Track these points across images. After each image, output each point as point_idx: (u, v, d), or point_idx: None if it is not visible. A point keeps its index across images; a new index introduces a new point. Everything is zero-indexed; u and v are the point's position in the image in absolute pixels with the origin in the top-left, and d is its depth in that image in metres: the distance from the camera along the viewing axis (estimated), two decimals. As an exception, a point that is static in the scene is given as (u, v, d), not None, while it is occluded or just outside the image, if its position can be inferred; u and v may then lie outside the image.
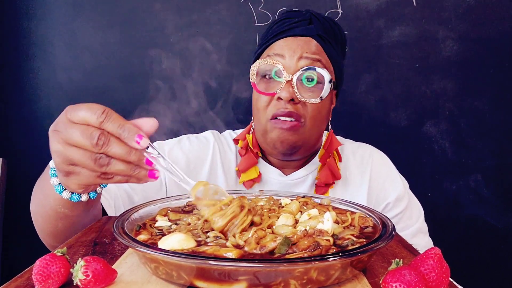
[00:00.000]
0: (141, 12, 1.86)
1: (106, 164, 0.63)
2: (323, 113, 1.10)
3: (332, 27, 1.14)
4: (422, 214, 1.21)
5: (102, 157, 0.63)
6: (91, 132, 0.61)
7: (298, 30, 1.10)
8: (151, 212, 0.76)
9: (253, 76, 1.10)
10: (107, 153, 0.62)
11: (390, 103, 1.83)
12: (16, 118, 1.88)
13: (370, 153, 1.24)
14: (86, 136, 0.61)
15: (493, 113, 1.80)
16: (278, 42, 1.11)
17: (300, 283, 0.51)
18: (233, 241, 0.59)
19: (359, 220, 0.70)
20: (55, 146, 0.64)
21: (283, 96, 1.03)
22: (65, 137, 0.62)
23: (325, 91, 1.05)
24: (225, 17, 1.85)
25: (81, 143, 0.62)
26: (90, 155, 0.62)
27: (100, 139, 0.61)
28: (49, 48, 1.88)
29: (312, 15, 1.13)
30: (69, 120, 0.63)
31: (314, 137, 1.12)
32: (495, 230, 1.82)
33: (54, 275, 0.52)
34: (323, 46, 1.10)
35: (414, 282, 0.47)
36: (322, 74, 1.05)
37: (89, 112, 0.61)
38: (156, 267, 0.55)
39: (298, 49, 1.07)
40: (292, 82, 1.04)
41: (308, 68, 1.05)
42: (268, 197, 0.84)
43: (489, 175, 1.81)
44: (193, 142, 1.22)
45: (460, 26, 1.78)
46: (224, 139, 1.25)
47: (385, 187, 1.17)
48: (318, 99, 1.05)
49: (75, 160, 0.63)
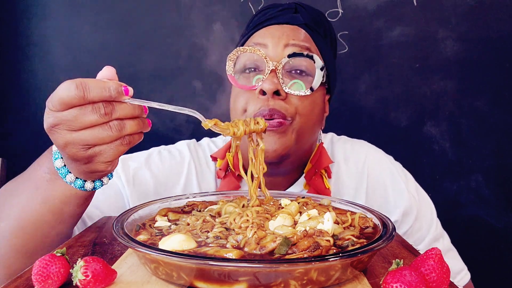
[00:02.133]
0: (141, 12, 1.86)
1: (123, 127, 0.62)
2: (315, 111, 0.95)
3: (322, 20, 1.00)
4: (433, 215, 1.07)
5: (115, 123, 0.62)
6: (93, 106, 0.60)
7: (282, 18, 0.96)
8: (151, 212, 0.76)
9: (230, 68, 0.94)
10: (118, 117, 0.62)
11: (390, 103, 1.83)
12: (16, 118, 1.88)
13: (365, 157, 1.07)
14: (90, 112, 0.60)
15: (493, 113, 1.79)
16: (260, 31, 0.96)
17: (300, 283, 0.51)
18: (232, 242, 0.59)
19: (359, 221, 0.70)
20: (65, 138, 0.62)
21: (266, 88, 0.88)
22: (70, 125, 0.61)
23: (316, 80, 0.91)
24: (225, 17, 1.84)
25: (89, 120, 0.60)
26: (104, 127, 0.61)
27: (107, 107, 0.61)
28: (48, 48, 1.88)
29: (298, 5, 0.99)
30: (55, 110, 0.61)
31: (306, 142, 0.96)
32: (495, 230, 1.82)
33: (53, 275, 0.52)
34: (311, 36, 0.95)
35: (415, 282, 0.47)
36: (312, 62, 0.90)
37: (64, 92, 0.59)
38: (156, 267, 0.55)
39: (283, 37, 0.92)
40: (277, 71, 0.89)
41: (295, 54, 0.90)
42: (268, 197, 0.83)
43: (489, 175, 1.81)
44: (165, 158, 1.06)
45: (460, 26, 1.78)
46: (202, 153, 1.09)
47: (388, 201, 1.03)
48: (308, 91, 0.90)
49: (94, 139, 0.61)
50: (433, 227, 1.07)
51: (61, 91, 0.60)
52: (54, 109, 0.61)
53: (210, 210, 0.75)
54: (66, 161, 0.68)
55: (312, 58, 0.91)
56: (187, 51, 1.85)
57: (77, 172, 0.69)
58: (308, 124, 0.94)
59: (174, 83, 1.83)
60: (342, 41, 1.80)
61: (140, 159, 1.05)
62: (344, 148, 1.10)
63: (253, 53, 0.91)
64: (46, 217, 0.73)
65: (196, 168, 1.04)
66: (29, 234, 0.73)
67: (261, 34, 0.95)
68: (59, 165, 0.69)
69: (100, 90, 0.60)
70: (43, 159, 0.74)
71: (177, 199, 0.83)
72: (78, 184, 0.70)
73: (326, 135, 1.16)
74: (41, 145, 1.09)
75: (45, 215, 0.72)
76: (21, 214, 0.73)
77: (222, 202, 0.77)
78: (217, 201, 0.81)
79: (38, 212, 0.72)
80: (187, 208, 0.80)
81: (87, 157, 0.63)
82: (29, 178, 0.75)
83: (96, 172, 0.68)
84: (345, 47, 1.80)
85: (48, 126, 0.63)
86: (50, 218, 0.73)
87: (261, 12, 1.00)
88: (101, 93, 0.60)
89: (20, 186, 0.76)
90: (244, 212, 0.67)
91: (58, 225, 0.75)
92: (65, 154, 0.65)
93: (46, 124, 0.63)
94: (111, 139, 0.62)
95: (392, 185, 1.05)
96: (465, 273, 1.09)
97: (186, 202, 0.82)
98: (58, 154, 0.70)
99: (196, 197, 0.85)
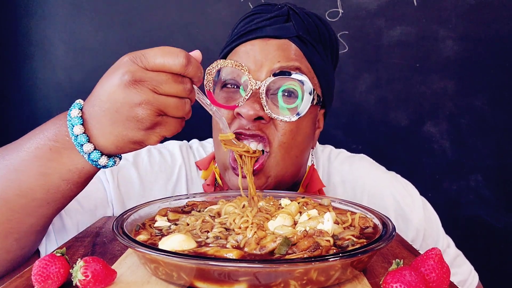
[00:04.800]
0: (141, 12, 1.86)
1: (189, 110, 0.64)
2: (298, 139, 0.84)
3: (318, 27, 0.87)
4: (439, 229, 1.01)
5: (188, 101, 0.64)
6: (183, 79, 0.62)
7: (270, 29, 0.83)
8: (151, 212, 0.76)
9: (208, 83, 0.81)
10: (192, 98, 0.64)
11: (390, 103, 1.83)
12: (16, 118, 1.88)
13: (364, 183, 0.99)
14: (179, 83, 0.61)
15: (493, 113, 1.79)
16: (244, 46, 0.85)
17: (300, 283, 0.51)
18: (232, 242, 0.59)
19: (359, 221, 0.70)
20: (146, 96, 0.59)
21: (244, 112, 0.79)
22: (155, 86, 0.60)
23: (303, 106, 0.81)
24: (225, 17, 1.84)
25: (176, 90, 0.61)
26: (182, 101, 0.62)
27: (189, 85, 0.63)
28: (49, 47, 1.88)
29: (291, 9, 0.86)
30: (146, 68, 0.60)
31: (288, 169, 0.87)
32: (495, 230, 1.82)
33: (53, 276, 0.52)
34: (304, 51, 0.84)
35: (415, 282, 0.47)
36: (301, 84, 0.81)
37: (170, 57, 0.60)
38: (156, 267, 0.55)
39: (268, 58, 0.81)
40: (259, 92, 0.80)
41: (282, 72, 0.80)
42: (268, 197, 0.83)
43: (489, 175, 1.81)
44: (154, 159, 0.98)
45: (460, 26, 1.78)
46: (193, 158, 1.01)
47: None
48: (294, 116, 0.81)
49: (171, 108, 0.61)
50: (440, 241, 1.04)
51: (168, 56, 0.60)
52: (148, 67, 0.60)
53: (210, 210, 0.75)
54: (117, 122, 0.61)
55: (301, 81, 0.81)
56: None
57: (118, 137, 0.62)
58: (292, 152, 0.85)
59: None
60: (342, 41, 1.80)
61: (127, 156, 0.96)
62: (341, 170, 1.02)
63: (234, 67, 0.81)
64: (37, 193, 0.65)
65: (186, 175, 0.98)
66: (11, 210, 0.66)
67: (243, 52, 0.84)
68: (77, 131, 0.62)
69: (197, 69, 0.62)
70: (48, 126, 0.66)
71: (177, 199, 0.83)
72: (94, 156, 0.64)
73: (324, 149, 1.09)
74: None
75: (37, 191, 0.65)
76: (9, 184, 0.65)
77: (222, 202, 0.77)
78: (217, 201, 0.81)
79: (30, 185, 0.65)
80: (187, 208, 0.80)
81: (154, 123, 0.62)
82: (25, 147, 0.66)
83: (142, 143, 0.64)
84: (345, 47, 1.80)
85: (131, 79, 0.59)
86: (42, 194, 0.66)
87: (248, 17, 0.88)
88: (196, 71, 0.62)
89: (11, 155, 0.66)
90: (244, 212, 0.67)
91: (45, 206, 0.67)
92: (131, 113, 0.60)
93: (129, 76, 0.59)
94: (183, 113, 0.63)
95: (396, 214, 0.97)
96: (474, 273, 1.07)
97: (186, 202, 0.82)
98: (77, 120, 0.63)
99: (196, 197, 0.85)
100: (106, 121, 0.62)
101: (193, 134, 1.10)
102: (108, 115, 0.61)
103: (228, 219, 0.67)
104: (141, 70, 0.60)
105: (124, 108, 0.60)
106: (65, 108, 0.67)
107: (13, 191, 0.65)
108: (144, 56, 0.60)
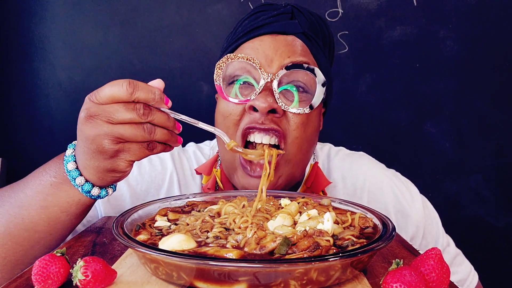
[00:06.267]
0: (141, 12, 1.86)
1: (153, 132, 0.65)
2: (308, 133, 0.84)
3: (320, 25, 0.89)
4: (439, 227, 1.01)
5: (148, 125, 0.65)
6: (134, 105, 0.63)
7: (277, 26, 0.83)
8: (151, 212, 0.76)
9: (218, 78, 0.82)
10: (152, 121, 0.65)
11: (390, 103, 1.83)
12: (16, 118, 1.88)
13: (364, 179, 0.98)
14: (131, 110, 0.63)
15: (493, 113, 1.79)
16: (251, 42, 0.84)
17: (300, 283, 0.51)
18: (232, 242, 0.59)
19: (359, 221, 0.70)
20: (101, 129, 0.64)
21: (259, 105, 0.78)
22: (108, 117, 0.63)
23: (316, 97, 0.81)
24: (225, 17, 1.84)
25: (128, 117, 0.63)
26: (139, 126, 0.64)
27: (146, 109, 0.64)
28: (49, 47, 1.88)
29: (295, 8, 0.87)
30: (99, 102, 0.63)
31: (299, 166, 0.88)
32: (495, 230, 1.82)
33: (53, 276, 0.52)
34: (310, 47, 0.85)
35: (415, 282, 0.47)
36: (313, 76, 0.81)
37: (115, 88, 0.63)
38: (156, 267, 0.55)
39: (277, 54, 0.81)
40: (272, 84, 0.80)
41: (294, 65, 0.80)
42: (268, 197, 0.83)
43: (489, 175, 1.81)
44: (144, 169, 0.97)
45: (460, 26, 1.78)
46: (187, 163, 1.01)
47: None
48: (307, 109, 0.81)
49: (126, 135, 0.64)
50: (440, 240, 1.04)
51: (113, 87, 0.63)
52: (99, 101, 0.64)
53: (210, 210, 0.75)
54: (88, 155, 0.68)
55: (313, 71, 0.81)
56: (188, 50, 1.85)
57: (94, 169, 0.69)
58: (303, 147, 0.85)
59: (175, 83, 1.83)
60: (342, 41, 1.80)
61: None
62: (341, 167, 1.02)
63: (246, 61, 0.80)
64: (39, 225, 0.72)
65: (179, 181, 0.97)
66: (16, 244, 0.72)
67: (252, 48, 0.83)
68: (71, 167, 0.71)
69: (147, 92, 0.64)
70: (50, 165, 0.74)
71: (177, 199, 0.83)
72: (86, 188, 0.71)
73: (323, 147, 1.09)
74: (41, 145, 1.10)
75: (39, 223, 0.72)
76: (12, 220, 0.71)
77: (222, 202, 0.77)
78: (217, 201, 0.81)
79: (33, 219, 0.72)
80: (187, 208, 0.80)
81: (115, 150, 0.65)
82: (29, 184, 0.74)
83: (115, 171, 0.69)
84: (345, 47, 1.80)
85: (86, 115, 0.65)
86: (44, 227, 0.72)
87: (253, 15, 0.88)
88: (147, 94, 0.64)
89: (16, 192, 0.74)
90: (244, 212, 0.67)
91: (48, 237, 0.73)
92: (93, 146, 0.66)
93: (85, 113, 0.65)
94: (142, 139, 0.65)
95: (396, 211, 0.97)
96: (473, 272, 1.07)
97: (186, 202, 0.82)
98: (71, 158, 0.71)
99: (196, 197, 0.85)
100: (84, 156, 0.69)
101: (196, 137, 1.09)
102: (83, 150, 0.68)
103: (228, 219, 0.67)
104: (95, 105, 0.64)
105: (88, 142, 0.66)
106: (65, 108, 0.68)
107: (17, 225, 0.71)
108: (98, 92, 0.64)
